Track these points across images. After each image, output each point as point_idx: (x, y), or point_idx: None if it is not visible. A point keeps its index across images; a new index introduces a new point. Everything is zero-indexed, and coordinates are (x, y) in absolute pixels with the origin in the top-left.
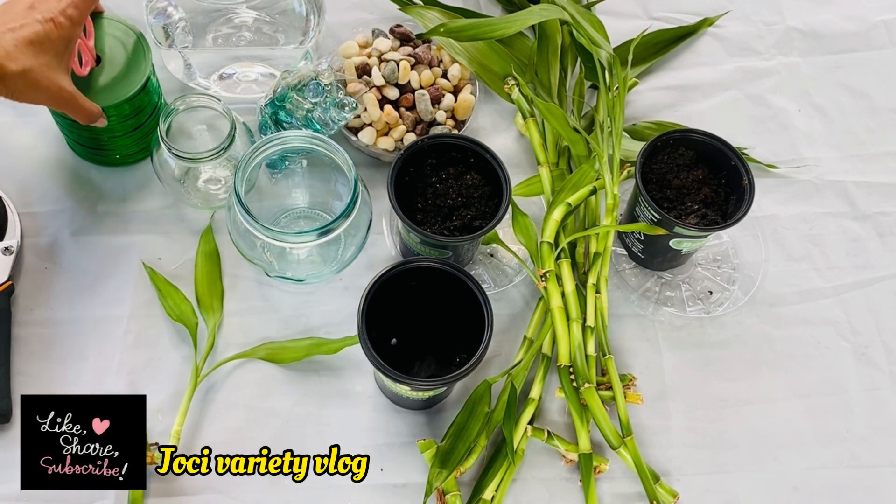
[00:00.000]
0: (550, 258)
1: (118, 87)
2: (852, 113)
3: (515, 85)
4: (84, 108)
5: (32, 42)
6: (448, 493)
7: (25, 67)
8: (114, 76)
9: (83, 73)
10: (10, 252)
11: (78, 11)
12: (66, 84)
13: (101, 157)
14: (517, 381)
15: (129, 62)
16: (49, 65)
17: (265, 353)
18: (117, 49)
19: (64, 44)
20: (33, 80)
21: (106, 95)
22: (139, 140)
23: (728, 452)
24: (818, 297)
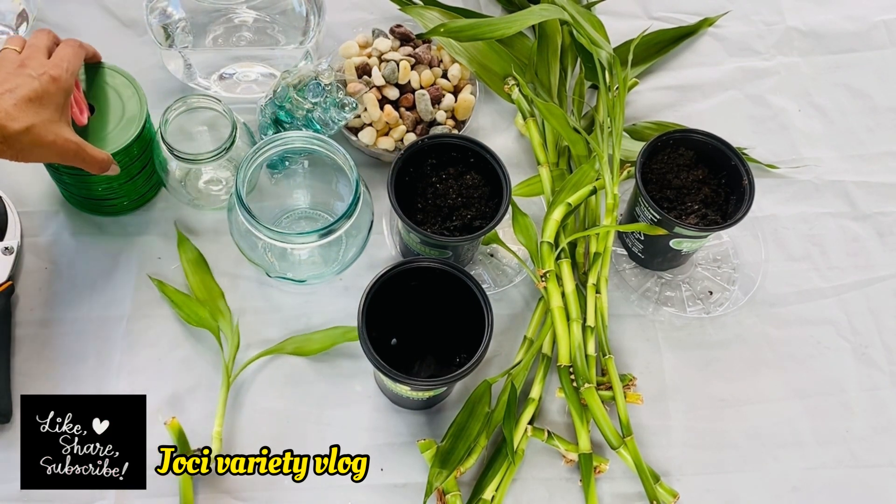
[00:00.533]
0: (550, 258)
1: (119, 131)
2: (852, 113)
3: (515, 85)
4: (94, 156)
5: (31, 99)
6: (448, 493)
7: (28, 125)
8: (113, 118)
9: (84, 121)
10: (10, 252)
11: (72, 64)
12: (70, 135)
13: (110, 208)
14: (517, 381)
15: (122, 102)
16: (51, 119)
17: (293, 347)
18: (104, 92)
19: (63, 96)
20: (37, 136)
21: (114, 138)
22: (145, 182)
23: (728, 452)
24: (818, 297)
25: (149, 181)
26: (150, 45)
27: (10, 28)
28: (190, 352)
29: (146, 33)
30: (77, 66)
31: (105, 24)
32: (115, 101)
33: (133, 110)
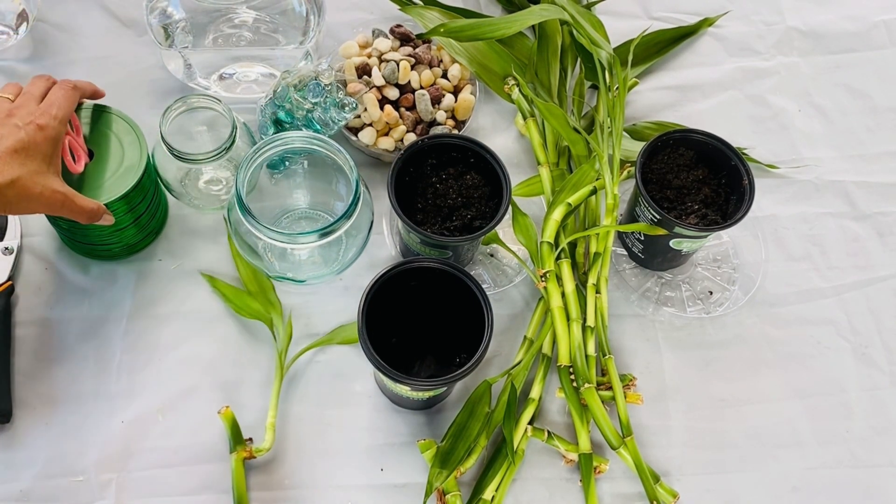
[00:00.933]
0: (550, 258)
1: (116, 180)
2: (852, 113)
3: (515, 85)
4: (82, 207)
5: (17, 150)
6: (448, 493)
7: (12, 178)
8: (112, 166)
9: (78, 169)
10: (9, 252)
11: (62, 110)
12: (58, 186)
13: (107, 252)
14: (517, 381)
15: (121, 145)
16: (38, 170)
17: (342, 337)
18: (105, 138)
19: (51, 145)
20: (23, 189)
21: (110, 188)
22: (145, 225)
23: (728, 452)
24: (818, 297)
25: (145, 229)
26: (150, 45)
27: (10, 28)
28: (189, 352)
29: (146, 33)
30: (69, 110)
31: (105, 24)
32: (116, 147)
33: (133, 158)
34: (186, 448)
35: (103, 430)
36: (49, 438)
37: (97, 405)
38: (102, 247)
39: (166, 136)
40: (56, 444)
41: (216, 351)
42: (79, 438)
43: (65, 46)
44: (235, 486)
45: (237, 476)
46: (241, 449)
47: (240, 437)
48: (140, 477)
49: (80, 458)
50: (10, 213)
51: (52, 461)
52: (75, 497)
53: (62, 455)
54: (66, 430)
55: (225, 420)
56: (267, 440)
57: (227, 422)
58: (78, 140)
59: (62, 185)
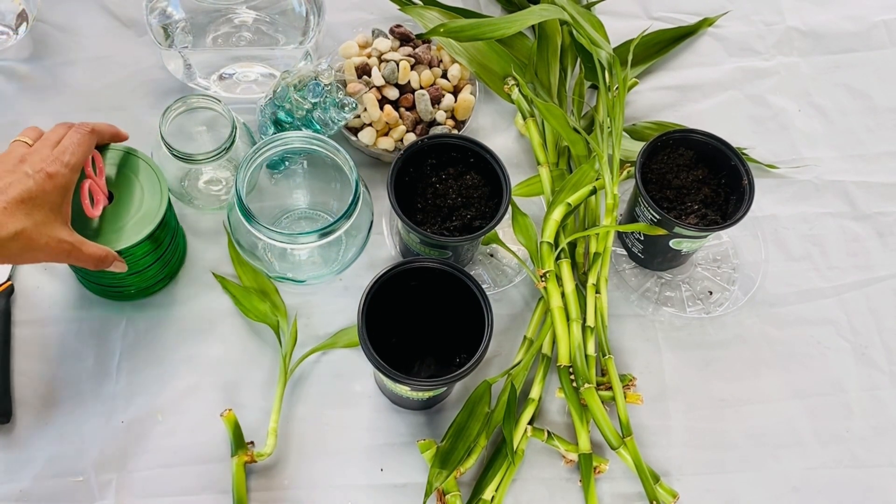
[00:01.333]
0: (550, 258)
1: (134, 226)
2: (852, 113)
3: (515, 85)
4: (90, 255)
5: (24, 200)
6: (448, 493)
7: (17, 230)
8: (130, 211)
9: (95, 214)
10: None
11: (75, 156)
12: (65, 235)
13: (120, 294)
14: (517, 381)
15: (142, 191)
16: (45, 220)
17: (345, 341)
18: (127, 181)
19: (60, 194)
20: (28, 240)
21: (126, 234)
22: (160, 269)
23: (728, 452)
24: (818, 297)
25: (161, 272)
26: (150, 45)
27: (10, 28)
28: (190, 352)
29: (146, 33)
30: (83, 156)
31: (105, 24)
32: (137, 191)
33: (152, 204)
34: (186, 448)
35: (103, 430)
36: (49, 438)
37: (97, 405)
38: (116, 289)
39: (166, 136)
40: (56, 444)
41: (216, 351)
42: (79, 438)
43: (65, 46)
44: (236, 489)
45: (238, 480)
46: (242, 453)
47: (241, 441)
48: (140, 477)
49: (80, 458)
50: (15, 263)
51: (52, 461)
52: (75, 497)
53: (62, 455)
54: (66, 430)
55: (227, 423)
56: (268, 445)
57: (229, 425)
58: (99, 183)
59: (70, 233)
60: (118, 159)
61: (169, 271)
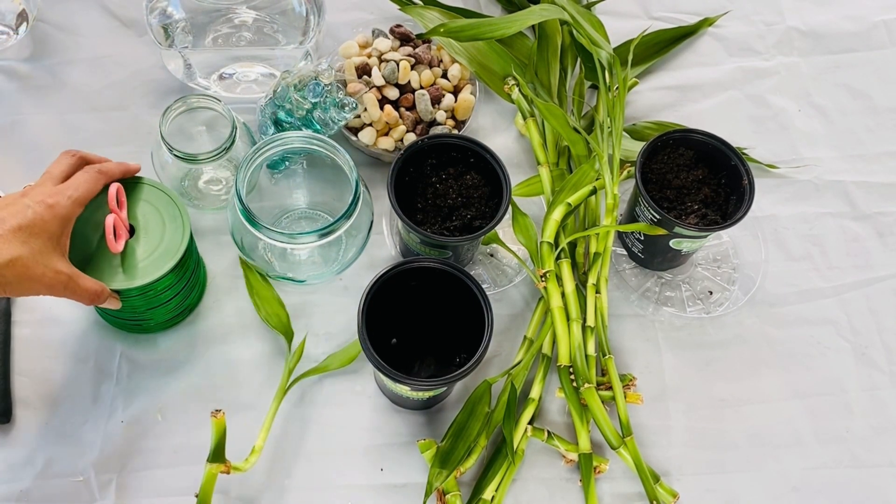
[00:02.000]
0: (550, 258)
1: (154, 261)
2: (852, 113)
3: (515, 85)
4: (87, 289)
5: (21, 228)
6: (448, 493)
7: (13, 257)
8: (152, 245)
9: (118, 249)
10: None
11: (78, 191)
12: (62, 266)
13: (139, 328)
14: (517, 381)
15: (163, 224)
16: (42, 250)
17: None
18: (148, 213)
19: (59, 224)
20: (23, 269)
21: (148, 269)
22: (180, 303)
23: (728, 452)
24: (818, 297)
25: (180, 306)
26: (150, 45)
27: (10, 28)
28: (190, 352)
29: (146, 33)
30: (88, 193)
31: (105, 24)
32: (158, 224)
33: (174, 238)
34: (186, 448)
35: (103, 430)
36: (49, 438)
37: (97, 405)
38: (136, 322)
39: (166, 136)
40: (56, 444)
41: (216, 351)
42: (79, 438)
43: (65, 46)
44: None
45: (206, 488)
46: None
47: (221, 452)
48: (140, 477)
49: (80, 458)
50: (10, 294)
51: (52, 461)
52: (75, 497)
53: (62, 455)
54: (66, 430)
55: (215, 426)
56: (249, 462)
57: (216, 428)
58: (122, 217)
59: (67, 265)
60: (138, 191)
61: (189, 304)
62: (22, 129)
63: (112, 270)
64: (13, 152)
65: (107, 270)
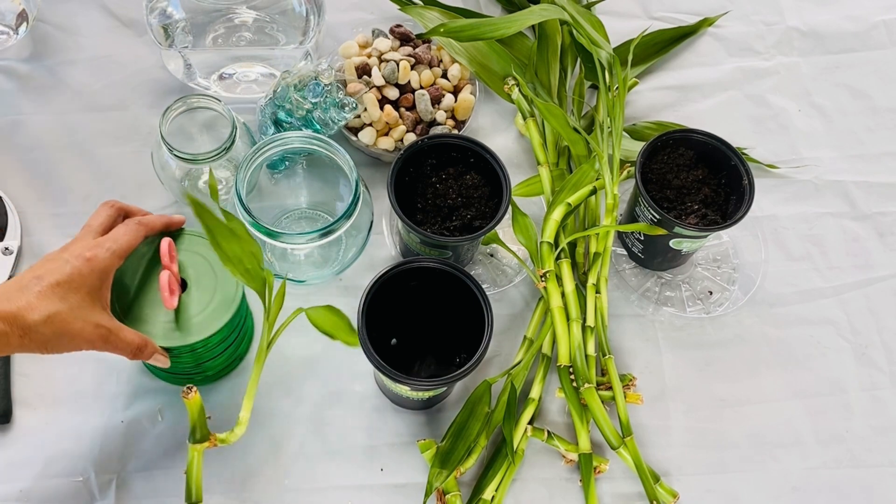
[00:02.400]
0: (550, 258)
1: (210, 315)
2: (852, 113)
3: (515, 85)
4: (129, 342)
5: (59, 283)
6: (448, 493)
7: (49, 314)
8: (206, 298)
9: (173, 305)
10: (9, 252)
11: (117, 243)
12: (103, 320)
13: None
14: (517, 381)
15: (215, 275)
16: (81, 304)
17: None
18: (197, 264)
19: (99, 277)
20: (62, 324)
21: (204, 323)
22: (232, 353)
23: (728, 452)
24: (818, 297)
25: (232, 356)
26: (150, 45)
27: (10, 28)
28: None
29: (146, 33)
30: (129, 245)
31: (105, 24)
32: (208, 276)
33: (227, 288)
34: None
35: (103, 430)
36: (49, 438)
37: (97, 405)
38: (187, 376)
39: (166, 136)
40: (56, 444)
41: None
42: (79, 438)
43: (65, 46)
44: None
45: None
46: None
47: (204, 430)
48: (140, 477)
49: (80, 458)
50: (52, 351)
51: (52, 461)
52: (75, 497)
53: (62, 455)
54: (66, 430)
55: (190, 406)
56: (234, 434)
57: (191, 407)
58: (173, 270)
59: (108, 318)
60: (183, 242)
61: (240, 353)
62: (22, 129)
63: (166, 328)
64: (13, 152)
65: (160, 328)
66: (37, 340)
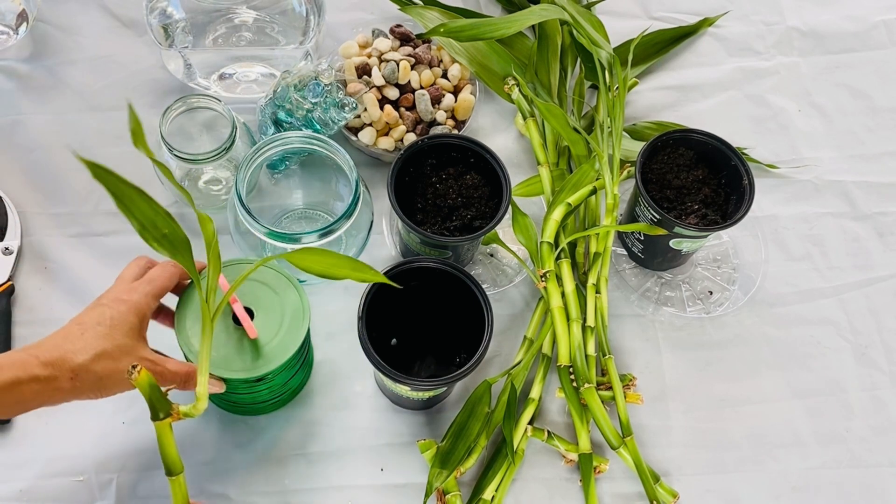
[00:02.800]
0: (550, 258)
1: (284, 339)
2: (852, 113)
3: (515, 85)
4: (175, 372)
5: (100, 323)
6: (448, 493)
7: (98, 351)
8: (276, 322)
9: (255, 332)
10: (9, 252)
11: (152, 284)
12: (147, 353)
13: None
14: (517, 381)
15: (281, 304)
16: (124, 341)
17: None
18: (256, 290)
19: (137, 315)
20: (110, 361)
21: (275, 351)
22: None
23: (728, 452)
24: (818, 297)
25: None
26: (150, 45)
27: (10, 28)
28: None
29: (146, 33)
30: (163, 287)
31: (105, 24)
32: (272, 301)
33: (292, 305)
34: (186, 448)
35: (103, 430)
36: (49, 438)
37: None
38: (251, 405)
39: (166, 136)
40: (56, 444)
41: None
42: (79, 438)
43: (65, 46)
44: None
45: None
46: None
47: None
48: (140, 477)
49: (80, 458)
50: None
51: (52, 461)
52: (75, 497)
53: (62, 455)
54: (66, 430)
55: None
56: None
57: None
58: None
59: (151, 352)
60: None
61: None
62: (22, 129)
63: (245, 359)
64: (13, 152)
65: (240, 363)
66: (88, 381)
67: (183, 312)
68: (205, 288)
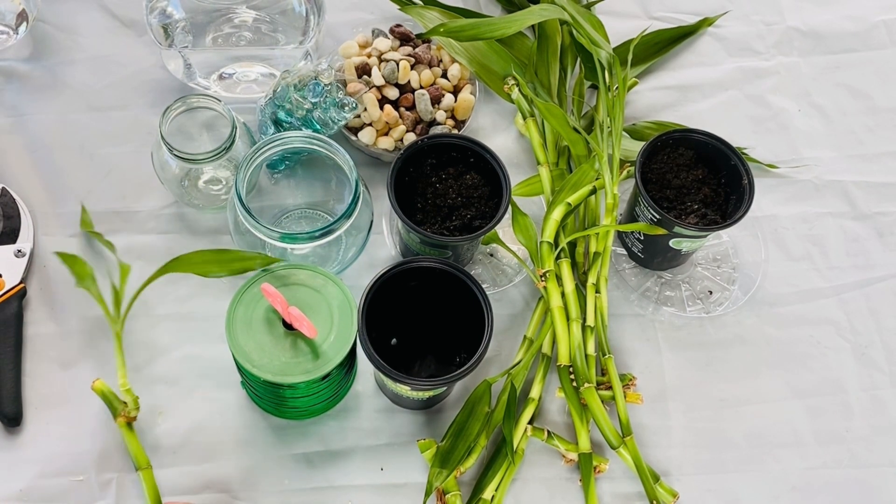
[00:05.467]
0: (550, 258)
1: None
2: (852, 113)
3: (515, 85)
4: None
5: None
6: (448, 493)
7: None
8: (326, 321)
9: (315, 331)
10: (22, 255)
11: None
12: None
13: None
14: (517, 381)
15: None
16: None
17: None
18: (299, 293)
19: None
20: None
21: (335, 346)
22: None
23: (728, 452)
24: (818, 297)
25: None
26: (150, 45)
27: (10, 28)
28: (190, 351)
29: (146, 33)
30: None
31: (105, 24)
32: (316, 299)
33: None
34: (186, 448)
35: (103, 430)
36: (49, 438)
37: (97, 405)
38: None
39: (166, 136)
40: (56, 444)
41: (216, 351)
42: (79, 438)
43: (65, 46)
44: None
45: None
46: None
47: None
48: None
49: (80, 458)
50: None
51: (52, 461)
52: (75, 497)
53: (62, 455)
54: (66, 430)
55: (98, 391)
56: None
57: (99, 392)
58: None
59: None
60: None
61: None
62: (22, 129)
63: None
64: (13, 152)
65: (299, 366)
66: None
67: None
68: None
